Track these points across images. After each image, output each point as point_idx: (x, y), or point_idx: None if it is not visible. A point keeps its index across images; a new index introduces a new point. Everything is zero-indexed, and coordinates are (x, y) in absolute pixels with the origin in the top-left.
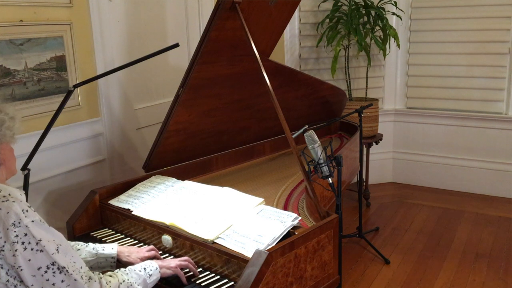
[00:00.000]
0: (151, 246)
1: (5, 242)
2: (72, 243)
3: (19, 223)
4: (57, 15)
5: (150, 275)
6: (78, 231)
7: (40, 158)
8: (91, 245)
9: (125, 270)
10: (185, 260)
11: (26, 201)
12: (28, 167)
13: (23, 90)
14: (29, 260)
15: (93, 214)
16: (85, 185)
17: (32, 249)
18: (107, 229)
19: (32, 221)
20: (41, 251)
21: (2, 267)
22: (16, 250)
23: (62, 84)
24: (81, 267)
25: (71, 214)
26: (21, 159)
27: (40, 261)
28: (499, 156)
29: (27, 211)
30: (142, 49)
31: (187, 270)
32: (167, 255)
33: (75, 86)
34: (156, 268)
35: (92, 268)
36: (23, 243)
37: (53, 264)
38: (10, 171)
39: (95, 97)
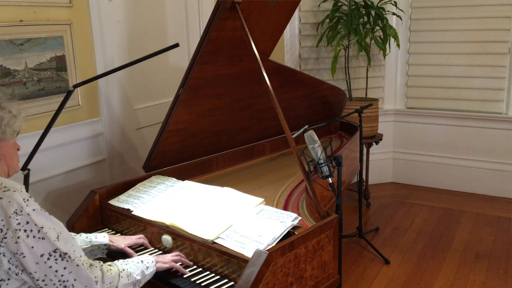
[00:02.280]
0: (141, 235)
1: (7, 229)
2: None
3: (21, 211)
4: (57, 15)
5: (147, 267)
6: (78, 231)
7: (40, 158)
8: (83, 234)
9: (124, 261)
10: (177, 255)
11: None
12: (28, 167)
13: (23, 90)
14: (32, 247)
15: (93, 214)
16: (85, 185)
17: (34, 237)
18: (107, 229)
19: (33, 209)
20: (43, 238)
21: (4, 255)
22: (18, 237)
23: (62, 84)
24: (81, 256)
25: (71, 214)
26: (21, 159)
27: (42, 248)
28: (499, 156)
29: (28, 200)
30: (142, 49)
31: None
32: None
33: (75, 86)
34: (153, 262)
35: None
36: (25, 230)
37: (55, 251)
38: (12, 168)
39: (95, 97)
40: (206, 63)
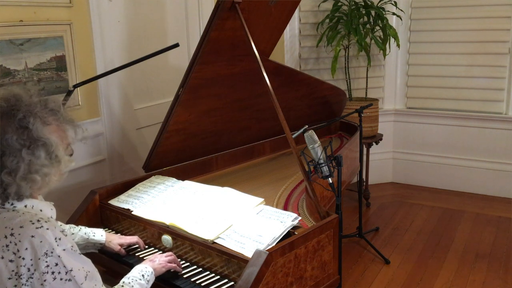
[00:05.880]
0: (135, 236)
1: (35, 270)
2: (67, 226)
3: (52, 252)
4: (57, 15)
5: (148, 281)
6: None
7: None
8: (83, 229)
9: (129, 283)
10: (170, 255)
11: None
12: None
13: None
14: None
15: (93, 214)
16: (85, 185)
17: (61, 279)
18: (107, 229)
19: (64, 249)
20: (69, 280)
21: None
22: (45, 280)
23: (62, 84)
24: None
25: (71, 214)
26: None
27: None
28: (499, 156)
29: (60, 239)
30: (142, 49)
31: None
32: None
33: (75, 86)
34: (152, 272)
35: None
36: (53, 272)
37: None
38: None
39: (95, 97)
40: (206, 63)
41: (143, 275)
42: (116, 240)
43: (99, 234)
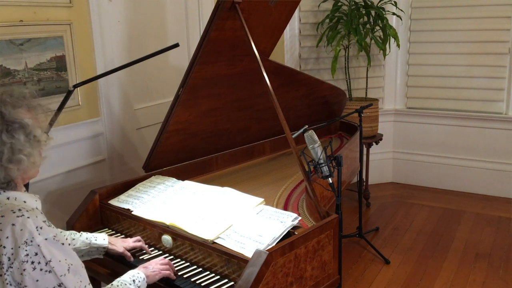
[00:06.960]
0: (138, 237)
1: (14, 259)
2: (67, 232)
3: (31, 241)
4: (57, 15)
5: (139, 287)
6: (78, 231)
7: None
8: (84, 234)
9: (118, 286)
10: (166, 263)
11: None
12: None
13: None
14: (37, 280)
15: (93, 214)
16: (85, 185)
17: (41, 270)
18: (107, 229)
19: (46, 239)
20: (49, 271)
21: (10, 284)
22: (24, 270)
23: (62, 84)
24: (86, 286)
25: (71, 214)
26: None
27: (47, 282)
28: (499, 156)
29: (41, 228)
30: (142, 49)
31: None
32: (167, 255)
33: (75, 86)
34: (144, 279)
35: (82, 256)
36: (32, 262)
37: (59, 285)
38: (28, 178)
39: (95, 97)
40: (206, 63)
41: (133, 280)
42: (119, 243)
43: (101, 238)
